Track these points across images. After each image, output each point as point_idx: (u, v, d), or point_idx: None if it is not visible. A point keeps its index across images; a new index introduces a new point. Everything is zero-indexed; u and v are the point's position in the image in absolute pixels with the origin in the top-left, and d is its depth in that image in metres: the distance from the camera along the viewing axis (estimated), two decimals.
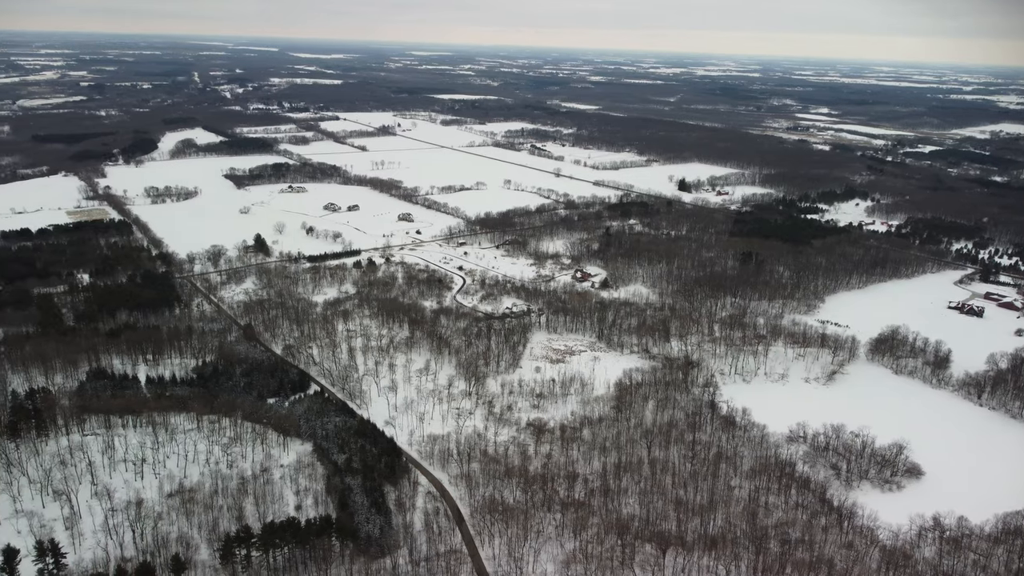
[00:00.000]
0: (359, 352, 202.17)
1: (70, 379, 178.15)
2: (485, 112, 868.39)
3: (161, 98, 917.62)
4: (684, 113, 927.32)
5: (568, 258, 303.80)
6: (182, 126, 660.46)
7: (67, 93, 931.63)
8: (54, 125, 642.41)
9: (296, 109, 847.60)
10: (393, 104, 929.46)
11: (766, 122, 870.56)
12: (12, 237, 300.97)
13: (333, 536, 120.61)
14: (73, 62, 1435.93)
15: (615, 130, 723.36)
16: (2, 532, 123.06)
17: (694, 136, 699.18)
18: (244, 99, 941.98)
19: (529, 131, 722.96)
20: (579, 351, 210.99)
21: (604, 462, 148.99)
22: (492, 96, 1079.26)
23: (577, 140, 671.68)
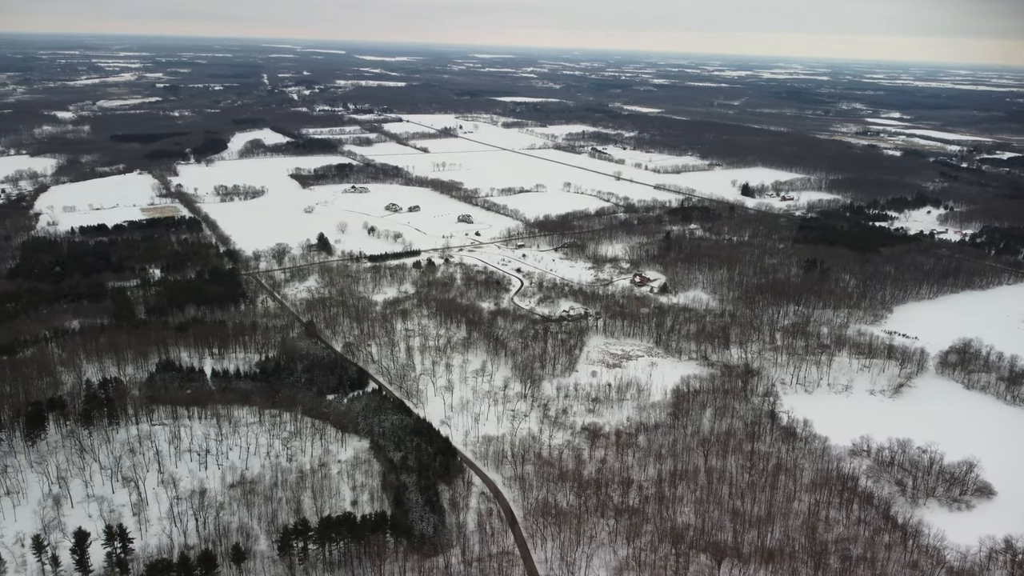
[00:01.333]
0: (417, 351, 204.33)
1: (140, 370, 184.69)
2: (546, 114, 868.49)
3: (232, 99, 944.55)
4: (749, 117, 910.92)
5: (627, 262, 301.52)
6: (251, 127, 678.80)
7: (144, 94, 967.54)
8: (131, 125, 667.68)
9: (360, 111, 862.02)
10: (455, 106, 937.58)
11: (834, 126, 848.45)
12: (90, 232, 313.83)
13: (388, 532, 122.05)
14: (150, 64, 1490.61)
15: (677, 133, 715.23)
16: (75, 515, 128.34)
17: (759, 140, 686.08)
18: (311, 101, 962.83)
19: (590, 134, 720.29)
20: (636, 356, 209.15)
21: (659, 469, 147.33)
22: (553, 99, 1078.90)
23: (638, 143, 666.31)
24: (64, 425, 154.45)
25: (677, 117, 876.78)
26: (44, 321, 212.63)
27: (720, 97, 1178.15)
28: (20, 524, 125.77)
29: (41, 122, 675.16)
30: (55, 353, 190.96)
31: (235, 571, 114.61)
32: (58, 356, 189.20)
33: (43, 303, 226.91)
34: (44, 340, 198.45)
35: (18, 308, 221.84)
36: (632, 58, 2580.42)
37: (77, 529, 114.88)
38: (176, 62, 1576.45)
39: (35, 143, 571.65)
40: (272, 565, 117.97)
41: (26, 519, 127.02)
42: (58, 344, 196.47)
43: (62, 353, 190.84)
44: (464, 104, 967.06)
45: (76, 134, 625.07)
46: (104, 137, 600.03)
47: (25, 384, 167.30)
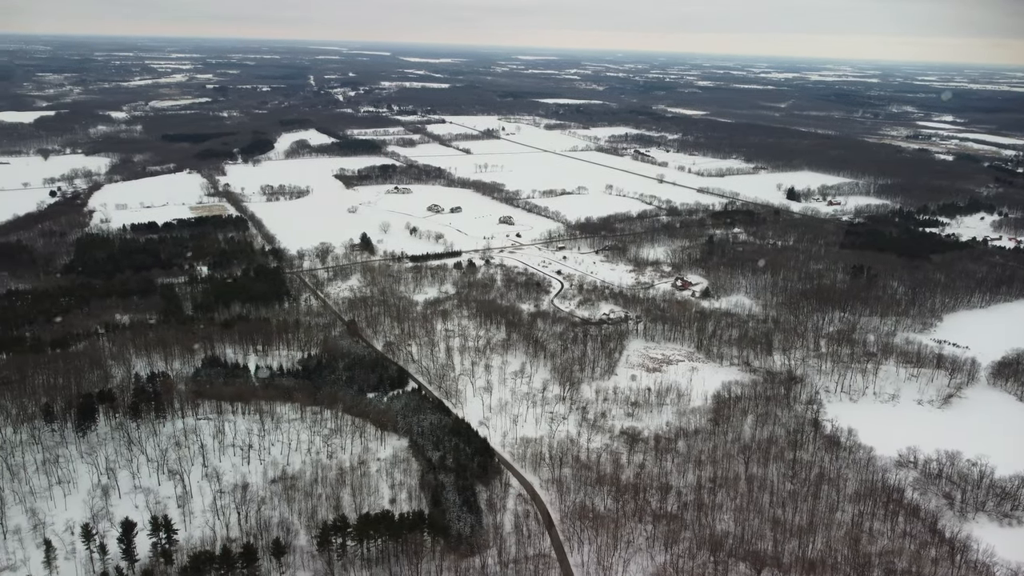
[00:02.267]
0: (456, 352, 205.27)
1: (187, 365, 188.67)
2: (589, 116, 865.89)
3: (279, 100, 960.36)
4: (795, 119, 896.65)
5: (668, 265, 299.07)
6: (297, 127, 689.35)
7: (194, 95, 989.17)
8: (181, 125, 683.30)
9: (404, 112, 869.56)
10: (498, 108, 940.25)
11: (883, 130, 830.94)
12: (140, 229, 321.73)
13: (425, 531, 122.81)
14: (200, 66, 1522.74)
15: (722, 136, 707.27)
16: (122, 505, 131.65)
17: (805, 143, 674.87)
18: (356, 102, 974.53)
19: (633, 136, 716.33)
20: (677, 361, 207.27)
21: (699, 476, 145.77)
22: (596, 100, 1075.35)
23: (682, 146, 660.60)
24: (113, 417, 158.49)
25: (722, 120, 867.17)
26: (96, 316, 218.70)
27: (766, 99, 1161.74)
28: (70, 512, 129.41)
29: (96, 122, 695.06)
30: (106, 347, 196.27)
31: (275, 565, 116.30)
32: (109, 350, 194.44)
33: (95, 298, 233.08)
34: (96, 334, 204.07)
35: (71, 303, 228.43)
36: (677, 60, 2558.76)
37: (124, 519, 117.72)
38: (225, 64, 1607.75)
39: (90, 142, 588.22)
40: (311, 560, 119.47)
41: (76, 508, 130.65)
42: (109, 338, 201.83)
43: (112, 347, 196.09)
44: (507, 106, 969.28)
45: (129, 134, 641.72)
46: (156, 137, 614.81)
47: (77, 377, 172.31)
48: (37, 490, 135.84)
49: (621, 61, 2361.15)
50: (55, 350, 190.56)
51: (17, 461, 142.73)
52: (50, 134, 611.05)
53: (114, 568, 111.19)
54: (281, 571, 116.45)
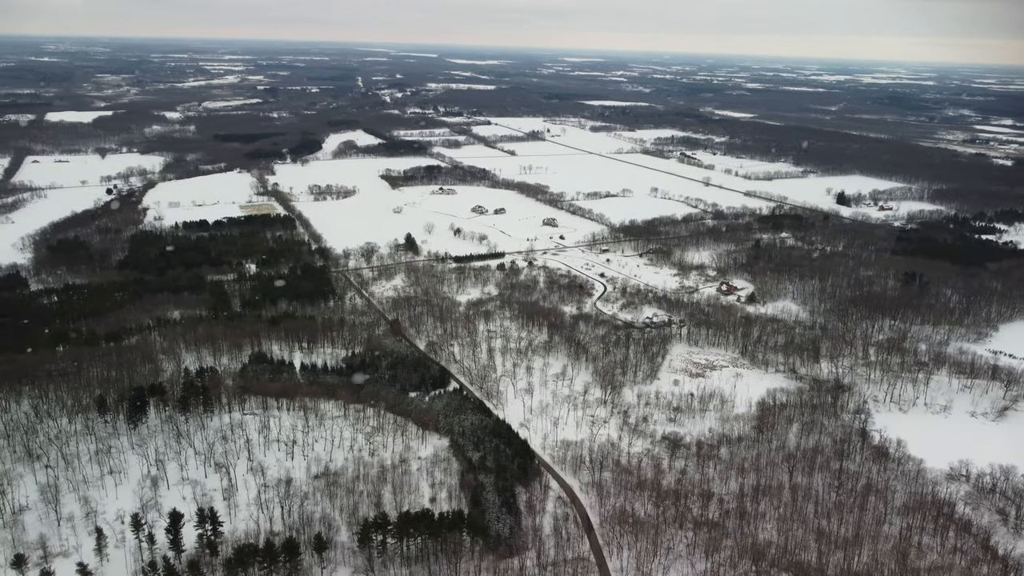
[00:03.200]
0: (498, 353, 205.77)
1: (234, 361, 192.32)
2: (635, 119, 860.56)
3: (327, 101, 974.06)
4: (846, 123, 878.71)
5: (714, 270, 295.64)
6: (344, 128, 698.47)
7: (245, 96, 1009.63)
8: (233, 125, 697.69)
9: (450, 113, 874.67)
10: (543, 109, 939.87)
11: (939, 134, 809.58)
12: (192, 227, 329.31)
13: (464, 531, 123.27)
14: (252, 67, 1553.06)
15: (770, 139, 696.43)
16: (170, 496, 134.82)
17: (856, 147, 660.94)
18: (402, 103, 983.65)
19: (679, 139, 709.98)
20: (720, 366, 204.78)
21: (741, 483, 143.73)
22: (643, 103, 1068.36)
23: (729, 149, 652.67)
24: (163, 410, 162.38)
25: (770, 122, 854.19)
26: (148, 310, 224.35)
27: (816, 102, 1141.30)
28: (121, 502, 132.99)
29: (151, 122, 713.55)
30: (157, 341, 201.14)
31: (316, 560, 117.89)
32: (160, 344, 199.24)
33: (148, 293, 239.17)
34: (148, 329, 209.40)
35: (125, 298, 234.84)
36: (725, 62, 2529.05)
37: (172, 510, 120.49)
38: (276, 65, 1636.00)
39: (145, 141, 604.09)
40: (352, 556, 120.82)
41: (126, 497, 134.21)
42: (160, 333, 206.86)
43: (163, 341, 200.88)
44: (552, 107, 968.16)
45: (182, 133, 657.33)
46: (208, 137, 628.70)
47: (129, 370, 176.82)
48: (90, 479, 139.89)
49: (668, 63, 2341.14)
50: (109, 343, 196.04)
51: (72, 450, 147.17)
52: (108, 133, 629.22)
53: (161, 558, 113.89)
54: (322, 566, 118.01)
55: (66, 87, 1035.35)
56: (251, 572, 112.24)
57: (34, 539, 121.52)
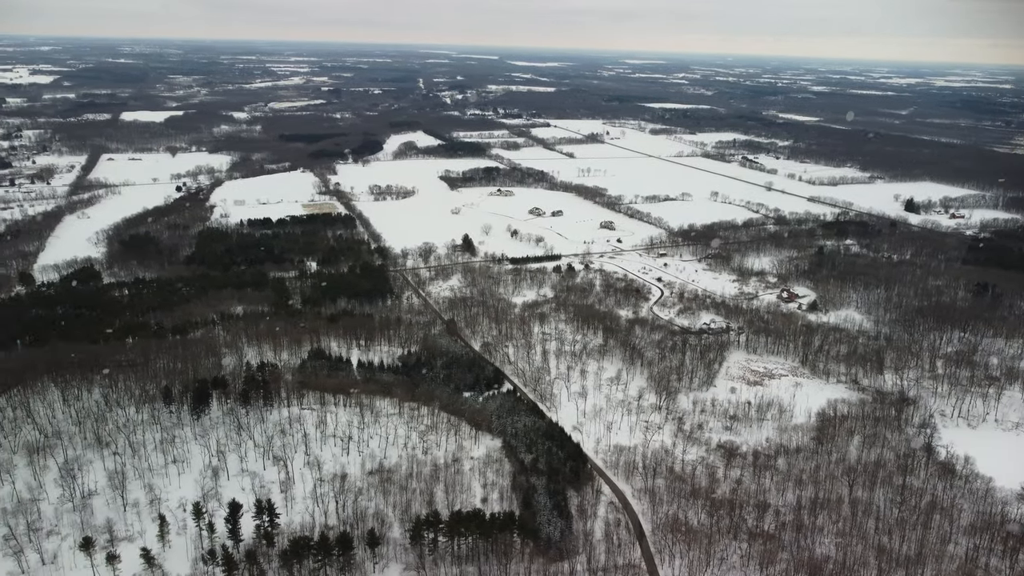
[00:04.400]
0: (552, 355, 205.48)
1: (294, 356, 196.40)
2: (696, 122, 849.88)
3: (389, 103, 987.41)
4: (917, 127, 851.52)
5: (774, 276, 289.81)
6: (405, 129, 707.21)
7: (310, 97, 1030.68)
8: (297, 126, 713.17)
9: (510, 115, 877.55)
10: (603, 112, 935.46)
11: (1016, 139, 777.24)
12: (256, 225, 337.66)
13: (515, 533, 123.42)
14: (316, 69, 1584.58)
15: (836, 143, 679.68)
16: (230, 487, 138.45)
17: (926, 152, 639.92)
18: (463, 105, 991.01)
19: (741, 142, 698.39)
20: (779, 375, 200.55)
21: (799, 495, 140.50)
22: (704, 105, 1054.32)
23: (793, 153, 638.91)
24: (225, 403, 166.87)
25: (836, 126, 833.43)
26: (213, 305, 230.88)
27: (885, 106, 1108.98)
28: (183, 490, 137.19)
29: (220, 122, 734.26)
30: (221, 335, 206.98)
31: (369, 555, 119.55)
32: (223, 338, 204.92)
33: (213, 289, 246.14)
34: (212, 323, 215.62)
35: (191, 292, 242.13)
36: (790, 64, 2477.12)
37: (231, 500, 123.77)
38: (340, 67, 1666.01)
39: (213, 141, 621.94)
40: (403, 553, 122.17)
41: (188, 486, 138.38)
42: (224, 327, 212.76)
43: (227, 336, 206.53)
44: (612, 110, 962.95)
45: (249, 133, 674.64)
46: (273, 137, 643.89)
47: (194, 362, 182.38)
48: (155, 467, 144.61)
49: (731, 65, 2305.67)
50: (175, 336, 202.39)
51: (138, 439, 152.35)
52: (178, 133, 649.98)
53: (220, 546, 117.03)
54: (375, 561, 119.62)
55: (140, 88, 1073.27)
56: (305, 564, 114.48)
57: (101, 523, 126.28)
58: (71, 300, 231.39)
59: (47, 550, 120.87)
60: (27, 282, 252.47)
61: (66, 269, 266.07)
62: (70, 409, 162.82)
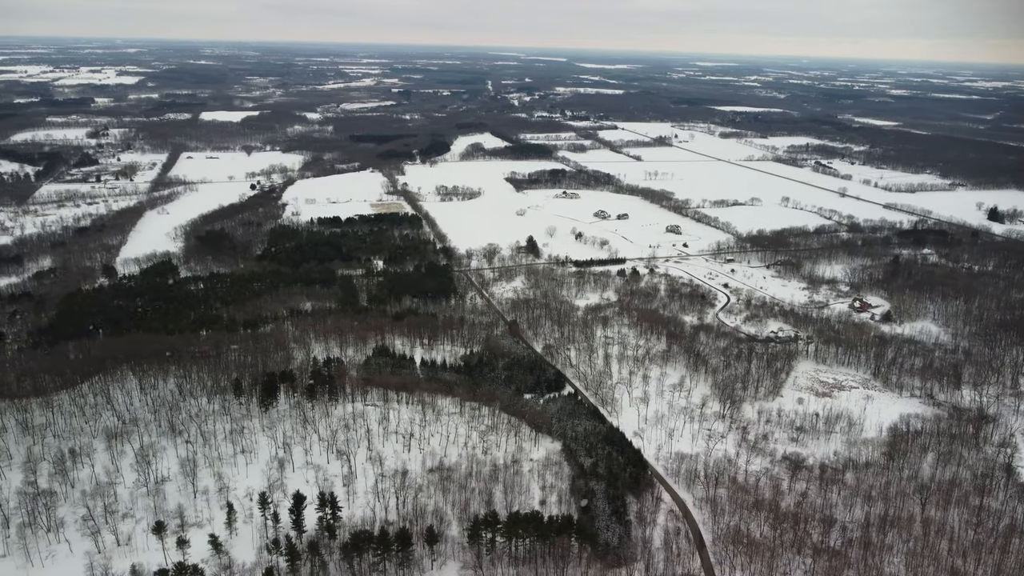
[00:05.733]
0: (615, 360, 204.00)
1: (359, 353, 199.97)
2: (767, 125, 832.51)
3: (457, 104, 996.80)
4: (1003, 133, 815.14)
5: (846, 285, 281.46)
6: (472, 131, 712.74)
7: (380, 98, 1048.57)
8: (367, 126, 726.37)
9: (577, 118, 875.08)
10: (671, 115, 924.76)
11: None
12: (325, 223, 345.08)
13: (573, 537, 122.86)
14: (388, 71, 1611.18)
15: (914, 149, 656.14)
16: (295, 479, 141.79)
17: (1013, 159, 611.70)
18: (530, 107, 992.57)
19: (814, 147, 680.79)
20: (849, 387, 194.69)
21: (867, 512, 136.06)
22: (776, 109, 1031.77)
23: (868, 158, 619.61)
24: (292, 396, 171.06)
25: (916, 131, 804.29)
26: (283, 301, 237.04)
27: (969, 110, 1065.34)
28: (250, 480, 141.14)
29: (293, 122, 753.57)
30: (289, 330, 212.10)
31: (427, 552, 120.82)
32: (292, 333, 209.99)
33: (283, 285, 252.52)
34: (282, 318, 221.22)
35: (263, 288, 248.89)
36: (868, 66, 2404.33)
37: (296, 492, 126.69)
38: (410, 69, 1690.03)
39: (287, 140, 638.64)
40: (461, 551, 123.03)
41: (256, 476, 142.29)
42: (293, 322, 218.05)
43: (295, 331, 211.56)
44: (681, 113, 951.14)
45: (321, 133, 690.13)
46: (344, 137, 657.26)
47: (263, 356, 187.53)
48: (224, 456, 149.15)
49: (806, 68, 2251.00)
50: (246, 330, 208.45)
51: (209, 428, 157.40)
52: (254, 132, 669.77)
53: (284, 536, 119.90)
54: (433, 558, 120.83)
55: (218, 89, 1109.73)
56: (365, 558, 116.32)
57: (173, 508, 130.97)
58: (150, 293, 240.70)
59: (122, 532, 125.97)
60: (110, 274, 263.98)
61: (146, 263, 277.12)
62: (146, 397, 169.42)
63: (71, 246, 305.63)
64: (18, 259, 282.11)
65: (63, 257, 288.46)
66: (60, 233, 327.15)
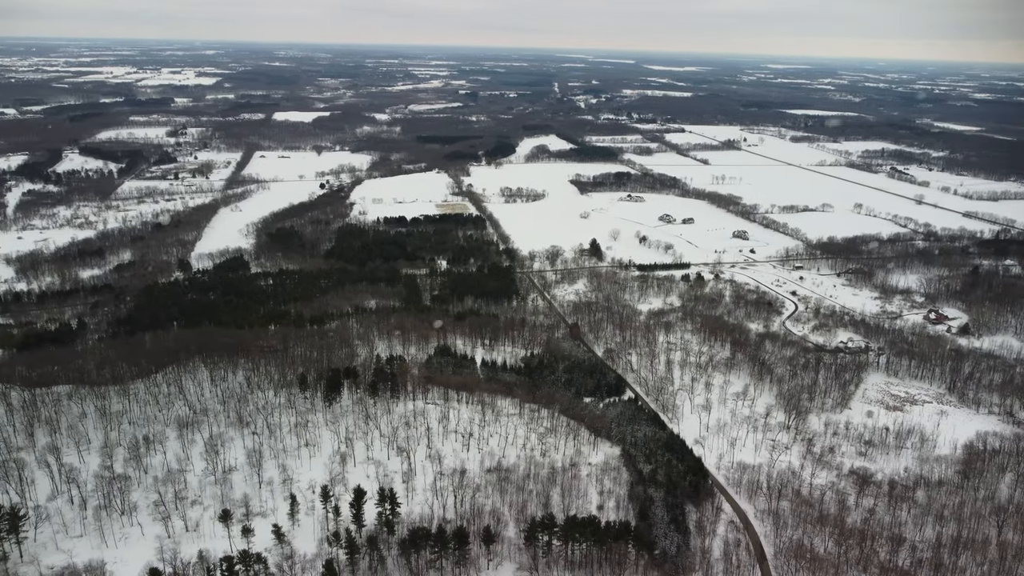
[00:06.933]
0: (676, 366, 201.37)
1: (421, 351, 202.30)
2: (840, 130, 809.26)
3: (523, 106, 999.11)
4: None
5: (921, 296, 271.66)
6: (538, 133, 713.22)
7: (447, 100, 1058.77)
8: (434, 128, 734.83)
9: (643, 120, 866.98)
10: (741, 118, 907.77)
11: None
12: (391, 223, 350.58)
13: (630, 543, 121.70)
14: (455, 73, 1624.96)
15: (998, 155, 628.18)
16: (356, 473, 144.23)
17: None
18: (596, 109, 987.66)
19: (890, 152, 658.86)
20: (922, 401, 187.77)
21: (939, 532, 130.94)
22: (851, 112, 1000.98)
23: (948, 165, 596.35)
24: (355, 392, 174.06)
25: (1000, 137, 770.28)
26: (348, 298, 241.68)
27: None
28: (313, 473, 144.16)
29: (362, 123, 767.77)
30: (354, 327, 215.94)
31: (484, 551, 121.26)
32: (356, 330, 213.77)
33: (349, 282, 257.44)
34: (347, 315, 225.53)
35: (329, 285, 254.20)
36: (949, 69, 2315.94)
37: (357, 487, 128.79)
38: (477, 70, 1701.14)
39: (356, 141, 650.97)
40: (517, 553, 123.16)
41: (318, 469, 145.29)
42: (357, 320, 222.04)
43: (359, 328, 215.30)
44: (750, 116, 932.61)
45: (389, 134, 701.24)
46: (411, 138, 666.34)
47: (328, 352, 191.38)
48: (288, 449, 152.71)
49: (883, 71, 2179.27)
50: (313, 326, 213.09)
51: (275, 421, 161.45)
52: (324, 132, 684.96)
53: (344, 530, 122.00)
54: (489, 558, 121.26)
55: (292, 89, 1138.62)
56: (423, 555, 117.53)
57: (239, 497, 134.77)
58: (222, 287, 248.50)
59: (191, 518, 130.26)
60: (185, 269, 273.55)
61: (219, 258, 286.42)
62: (216, 389, 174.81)
63: (149, 241, 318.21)
64: (100, 252, 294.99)
65: (142, 251, 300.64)
66: (140, 228, 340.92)
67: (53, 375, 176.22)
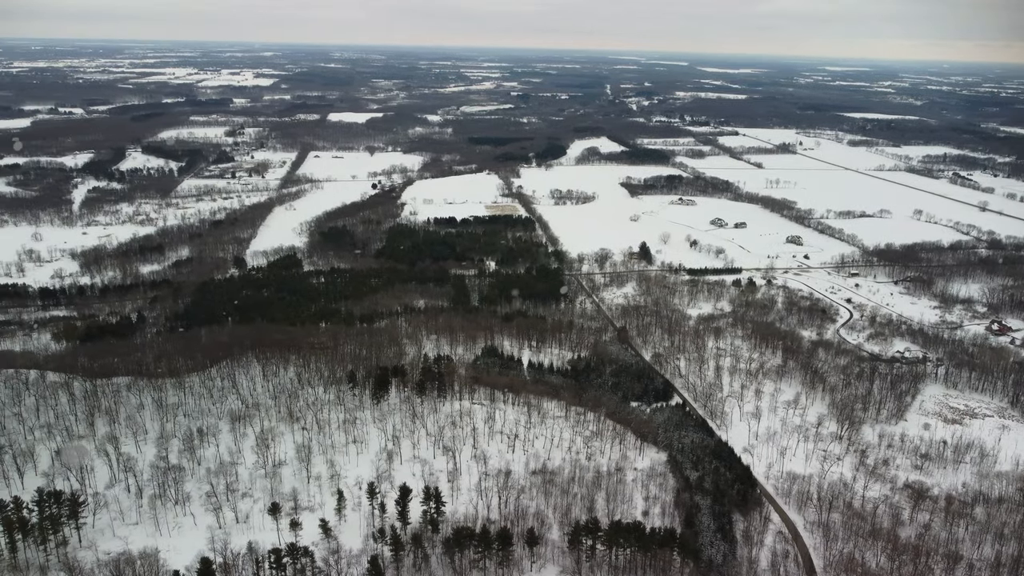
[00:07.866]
0: (726, 372, 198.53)
1: (468, 352, 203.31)
2: (900, 134, 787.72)
3: (575, 108, 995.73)
4: None
5: (983, 305, 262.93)
6: (589, 135, 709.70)
7: (499, 101, 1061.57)
8: (485, 129, 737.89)
9: (696, 123, 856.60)
10: (797, 121, 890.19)
11: None
12: (441, 223, 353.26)
13: (675, 551, 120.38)
14: (507, 74, 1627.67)
15: None
16: (402, 471, 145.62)
17: None
18: (648, 111, 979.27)
19: (953, 157, 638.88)
20: (983, 415, 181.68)
21: (999, 551, 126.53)
22: (912, 116, 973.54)
23: (1015, 170, 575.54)
24: (403, 391, 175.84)
25: None
26: (397, 297, 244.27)
27: None
28: (360, 470, 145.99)
29: (414, 124, 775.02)
30: (403, 327, 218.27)
31: (527, 553, 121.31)
32: (404, 329, 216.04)
33: (398, 282, 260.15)
34: (396, 314, 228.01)
35: (379, 284, 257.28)
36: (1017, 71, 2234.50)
37: (402, 484, 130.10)
38: (529, 72, 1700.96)
39: (408, 142, 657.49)
40: (561, 556, 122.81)
41: (365, 466, 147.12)
42: (406, 319, 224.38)
43: (408, 327, 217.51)
44: (807, 119, 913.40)
45: (440, 135, 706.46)
46: (462, 139, 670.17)
47: (377, 350, 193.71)
48: (337, 445, 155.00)
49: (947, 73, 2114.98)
50: (362, 324, 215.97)
51: (324, 417, 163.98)
52: (377, 133, 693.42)
53: (390, 527, 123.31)
54: (532, 560, 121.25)
55: (346, 91, 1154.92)
56: (466, 554, 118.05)
57: (288, 491, 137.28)
58: (275, 284, 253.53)
59: (241, 510, 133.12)
60: (240, 265, 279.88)
61: (273, 255, 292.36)
62: (268, 384, 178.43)
63: (207, 238, 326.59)
64: (160, 248, 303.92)
65: (199, 248, 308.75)
66: (197, 225, 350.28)
67: (113, 367, 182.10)
